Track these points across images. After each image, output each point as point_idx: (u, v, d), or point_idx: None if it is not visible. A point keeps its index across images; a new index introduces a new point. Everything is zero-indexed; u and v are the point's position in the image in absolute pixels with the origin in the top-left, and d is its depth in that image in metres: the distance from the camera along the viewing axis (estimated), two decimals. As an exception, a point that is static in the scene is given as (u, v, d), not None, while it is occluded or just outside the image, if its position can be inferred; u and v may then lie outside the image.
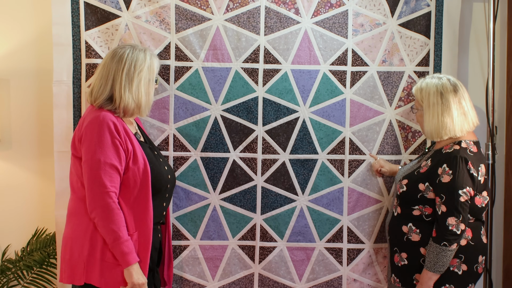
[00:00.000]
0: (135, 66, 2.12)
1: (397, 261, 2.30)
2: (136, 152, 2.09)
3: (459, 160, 2.13)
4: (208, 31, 2.55)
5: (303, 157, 2.60)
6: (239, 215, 2.61)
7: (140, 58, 2.14)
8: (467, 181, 2.12)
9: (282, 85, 2.58)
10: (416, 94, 2.30)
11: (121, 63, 2.11)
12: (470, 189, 2.12)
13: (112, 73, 2.10)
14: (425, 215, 2.22)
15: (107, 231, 2.00)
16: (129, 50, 2.15)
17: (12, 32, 2.74)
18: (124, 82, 2.10)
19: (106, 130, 2.03)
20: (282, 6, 2.57)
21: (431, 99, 2.21)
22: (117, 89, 2.09)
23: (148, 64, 2.16)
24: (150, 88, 2.18)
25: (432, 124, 2.22)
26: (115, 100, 2.10)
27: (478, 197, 2.18)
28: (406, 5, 2.60)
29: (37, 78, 2.76)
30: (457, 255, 2.17)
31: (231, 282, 2.64)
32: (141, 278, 2.03)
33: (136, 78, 2.12)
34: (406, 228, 2.26)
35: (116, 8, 2.52)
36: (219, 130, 2.58)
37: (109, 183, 2.00)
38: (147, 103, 2.17)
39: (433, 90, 2.22)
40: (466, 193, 2.12)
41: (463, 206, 2.12)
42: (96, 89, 2.12)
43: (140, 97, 2.13)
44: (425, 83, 2.27)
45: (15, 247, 2.81)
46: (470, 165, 2.13)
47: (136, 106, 2.13)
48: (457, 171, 2.12)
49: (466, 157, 2.14)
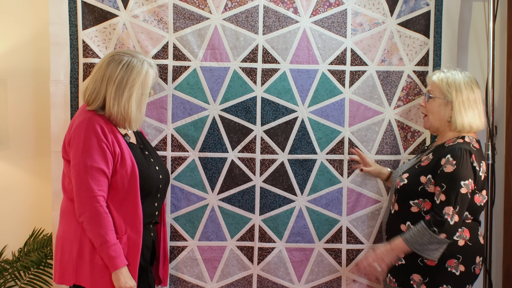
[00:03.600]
0: (127, 80, 2.07)
1: (394, 261, 2.29)
2: (124, 155, 2.08)
3: (463, 152, 2.13)
4: (206, 30, 2.54)
5: (302, 157, 2.59)
6: (238, 216, 2.60)
7: (135, 72, 2.09)
8: (469, 173, 2.12)
9: (280, 84, 2.57)
10: (439, 83, 2.25)
11: (114, 72, 2.07)
12: (471, 182, 2.12)
13: (106, 80, 2.08)
14: (424, 211, 2.21)
15: (95, 235, 2.01)
16: (126, 59, 2.09)
17: (9, 32, 2.74)
18: (114, 94, 2.07)
19: (92, 134, 2.02)
20: (281, 5, 2.56)
21: (464, 91, 2.21)
22: (107, 100, 2.08)
23: (143, 78, 2.11)
24: (142, 102, 2.13)
25: (466, 117, 2.20)
26: (106, 109, 2.09)
27: (478, 195, 2.18)
28: (405, 4, 2.59)
29: (34, 78, 2.75)
30: (455, 255, 2.16)
31: (229, 283, 2.63)
32: (129, 281, 2.04)
33: (127, 92, 2.07)
34: (405, 226, 2.24)
35: (113, 7, 2.51)
36: (217, 130, 2.57)
37: (96, 187, 2.01)
38: (137, 118, 2.12)
39: (464, 81, 2.22)
40: (468, 186, 2.11)
41: (463, 198, 2.11)
42: (90, 92, 2.11)
43: (129, 112, 2.09)
44: (449, 74, 2.25)
45: (12, 247, 2.80)
46: (473, 158, 2.14)
47: (124, 120, 2.10)
48: (461, 162, 2.12)
49: (470, 150, 2.15)
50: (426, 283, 2.19)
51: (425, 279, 2.19)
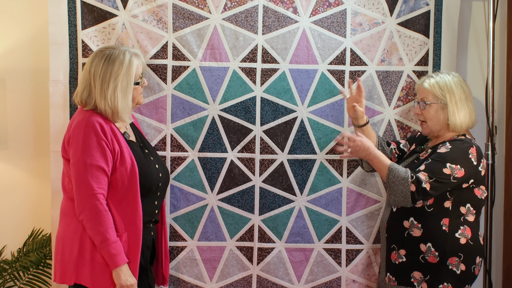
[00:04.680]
0: (111, 72, 2.07)
1: (395, 259, 2.29)
2: (124, 153, 2.09)
3: (463, 142, 2.20)
4: (205, 30, 2.54)
5: (301, 157, 2.59)
6: (237, 216, 2.60)
7: (117, 62, 2.08)
8: (461, 160, 2.15)
9: (280, 84, 2.57)
10: (431, 88, 2.27)
11: (98, 67, 2.08)
12: (460, 169, 2.14)
13: (92, 77, 2.08)
14: (427, 205, 2.21)
15: (95, 233, 2.01)
16: (108, 52, 2.10)
17: (8, 31, 2.73)
18: (100, 89, 2.07)
19: (92, 132, 2.03)
20: (280, 5, 2.56)
21: (456, 92, 2.25)
22: (96, 96, 2.08)
23: (126, 67, 2.10)
24: (128, 91, 2.12)
25: (464, 117, 2.24)
26: (97, 106, 2.09)
27: (477, 189, 2.20)
28: (405, 4, 2.59)
29: (33, 78, 2.75)
30: (457, 253, 2.17)
31: (229, 283, 2.62)
32: (129, 279, 2.04)
33: (112, 84, 2.07)
34: (408, 223, 2.25)
35: (113, 7, 2.51)
36: (217, 130, 2.57)
37: (96, 185, 2.01)
38: (125, 108, 2.11)
39: (454, 82, 2.26)
40: (454, 169, 2.13)
41: (442, 175, 2.13)
42: (80, 93, 2.11)
43: (116, 103, 2.08)
44: (438, 78, 2.28)
45: (11, 247, 2.79)
46: (472, 151, 2.17)
47: (112, 112, 2.09)
48: (456, 148, 2.17)
49: (472, 144, 2.19)
50: (427, 281, 2.20)
51: (425, 276, 2.20)
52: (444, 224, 2.19)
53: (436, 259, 2.18)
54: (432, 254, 2.18)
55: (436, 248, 2.18)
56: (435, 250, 2.18)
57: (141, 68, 2.18)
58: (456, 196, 2.19)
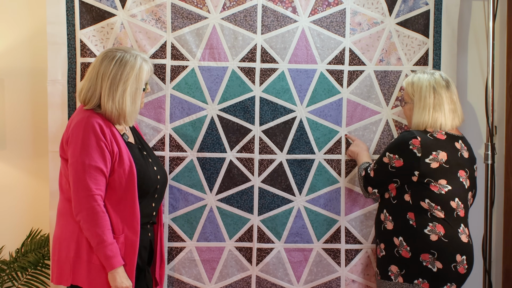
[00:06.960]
0: (121, 75, 2.07)
1: (378, 253, 2.33)
2: (122, 154, 2.08)
3: (403, 134, 2.24)
4: (204, 30, 2.53)
5: (300, 157, 2.58)
6: (236, 216, 2.59)
7: (129, 66, 2.09)
8: (398, 151, 2.21)
9: (279, 84, 2.56)
10: (407, 87, 2.33)
11: (108, 68, 2.07)
12: (398, 158, 2.20)
13: (100, 77, 2.08)
14: (392, 197, 2.26)
15: (92, 234, 2.00)
16: (119, 55, 2.10)
17: (6, 31, 2.73)
18: (108, 90, 2.07)
19: (91, 133, 2.02)
20: (279, 4, 2.55)
21: (423, 93, 2.25)
22: (102, 97, 2.08)
23: (136, 72, 2.11)
24: (137, 96, 2.13)
25: (422, 118, 2.25)
26: (101, 107, 2.09)
27: (433, 184, 2.18)
28: (404, 4, 2.58)
29: (31, 77, 2.74)
30: (428, 250, 2.17)
31: (228, 284, 2.61)
32: (125, 281, 2.03)
33: (121, 87, 2.07)
34: (383, 215, 2.31)
35: (111, 6, 2.50)
36: (216, 130, 2.56)
37: (94, 186, 2.00)
38: (132, 113, 2.12)
39: (425, 84, 2.26)
40: (391, 158, 2.22)
41: (381, 164, 2.26)
42: (85, 91, 2.10)
43: (124, 106, 2.09)
44: (416, 77, 2.30)
45: (9, 248, 2.79)
46: (414, 142, 2.17)
47: (119, 115, 2.09)
48: (398, 138, 2.26)
49: (415, 135, 2.19)
50: (403, 275, 2.22)
51: (401, 270, 2.22)
52: (410, 218, 2.20)
53: (409, 254, 2.19)
54: (405, 248, 2.20)
55: (407, 243, 2.20)
56: (407, 244, 2.20)
57: (149, 75, 2.20)
58: (412, 190, 2.21)
